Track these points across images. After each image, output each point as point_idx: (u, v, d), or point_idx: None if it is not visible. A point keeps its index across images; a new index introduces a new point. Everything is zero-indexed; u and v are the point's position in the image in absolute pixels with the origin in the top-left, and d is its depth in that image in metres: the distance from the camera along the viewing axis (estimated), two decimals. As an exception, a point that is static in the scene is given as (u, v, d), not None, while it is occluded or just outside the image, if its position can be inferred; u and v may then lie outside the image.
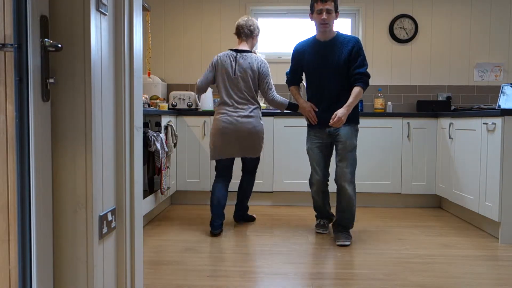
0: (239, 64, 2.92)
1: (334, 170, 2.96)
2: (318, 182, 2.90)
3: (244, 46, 3.04)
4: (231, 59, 2.94)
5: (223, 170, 3.03)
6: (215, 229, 2.89)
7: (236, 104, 2.91)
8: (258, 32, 3.10)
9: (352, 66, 2.71)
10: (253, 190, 3.88)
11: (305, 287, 2.03)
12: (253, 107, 2.94)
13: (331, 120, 2.66)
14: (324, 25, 2.71)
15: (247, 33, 3.03)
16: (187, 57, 4.50)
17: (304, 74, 2.94)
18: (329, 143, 2.87)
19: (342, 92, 2.74)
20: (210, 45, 4.49)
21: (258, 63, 2.97)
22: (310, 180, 2.98)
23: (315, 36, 2.86)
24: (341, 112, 2.65)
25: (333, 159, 3.29)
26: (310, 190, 3.33)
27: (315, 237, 2.88)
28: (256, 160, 3.13)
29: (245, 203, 3.26)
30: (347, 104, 2.67)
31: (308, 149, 2.91)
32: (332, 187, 3.19)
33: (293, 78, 2.99)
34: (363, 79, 2.69)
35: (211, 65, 3.00)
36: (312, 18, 2.80)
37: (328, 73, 2.74)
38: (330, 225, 3.12)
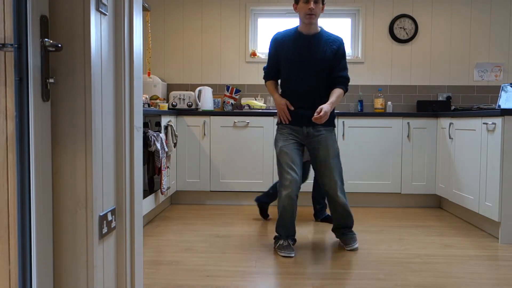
0: None
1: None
2: (295, 182, 2.47)
3: None
4: None
5: None
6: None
7: None
8: None
9: (335, 68, 2.58)
10: (252, 190, 3.88)
11: (305, 287, 2.03)
12: None
13: (315, 114, 2.43)
14: (310, 15, 2.50)
15: None
16: (187, 57, 4.50)
17: (281, 67, 2.66)
18: (303, 144, 2.63)
19: (321, 90, 2.59)
20: (210, 45, 4.49)
21: None
22: (282, 184, 2.51)
23: (296, 27, 2.63)
24: (326, 107, 2.44)
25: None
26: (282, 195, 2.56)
27: (315, 237, 2.88)
28: None
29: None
30: (330, 101, 2.49)
31: (282, 147, 2.55)
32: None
33: (271, 72, 2.70)
34: (346, 83, 2.61)
35: None
36: (296, 9, 2.57)
37: (309, 69, 2.55)
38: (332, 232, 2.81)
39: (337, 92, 2.55)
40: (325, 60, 2.55)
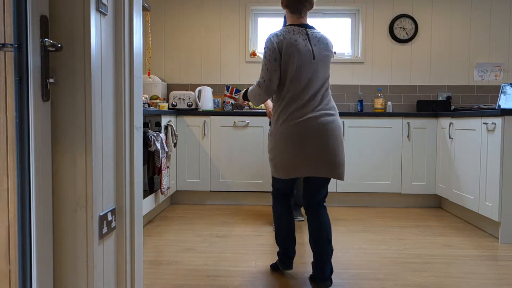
0: (315, 44, 2.07)
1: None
2: None
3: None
4: (303, 37, 2.06)
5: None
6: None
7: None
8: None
9: None
10: (252, 190, 3.88)
11: (305, 287, 2.03)
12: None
13: None
14: None
15: (309, 6, 2.13)
16: (187, 57, 4.50)
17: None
18: None
19: None
20: (210, 45, 4.49)
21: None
22: None
23: None
24: None
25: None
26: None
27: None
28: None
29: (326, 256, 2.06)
30: None
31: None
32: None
33: None
34: None
35: (271, 51, 2.01)
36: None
37: None
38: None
39: None
40: None
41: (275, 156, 2.06)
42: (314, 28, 2.12)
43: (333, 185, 3.83)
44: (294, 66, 2.00)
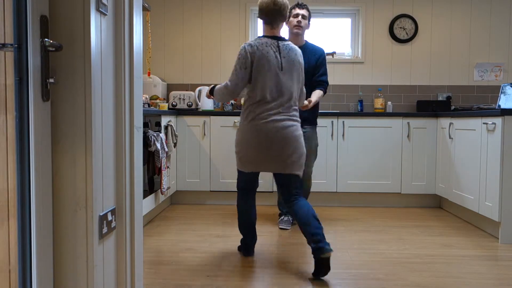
0: (285, 56, 2.33)
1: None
2: None
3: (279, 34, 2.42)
4: (274, 49, 2.31)
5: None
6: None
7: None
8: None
9: (316, 73, 3.05)
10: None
11: (305, 286, 2.03)
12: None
13: (305, 102, 2.77)
14: (298, 27, 2.98)
15: (282, 18, 2.36)
16: (187, 57, 4.50)
17: None
18: None
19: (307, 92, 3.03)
20: (210, 45, 4.49)
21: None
22: None
23: None
24: (314, 99, 2.86)
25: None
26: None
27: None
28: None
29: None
30: (312, 98, 2.87)
31: None
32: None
33: None
34: (325, 86, 3.06)
35: (244, 59, 2.26)
36: (287, 23, 3.05)
37: None
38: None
39: (317, 93, 2.99)
40: (311, 67, 3.04)
41: (241, 150, 2.32)
42: (285, 40, 2.38)
43: (333, 185, 3.83)
44: (264, 76, 2.26)
